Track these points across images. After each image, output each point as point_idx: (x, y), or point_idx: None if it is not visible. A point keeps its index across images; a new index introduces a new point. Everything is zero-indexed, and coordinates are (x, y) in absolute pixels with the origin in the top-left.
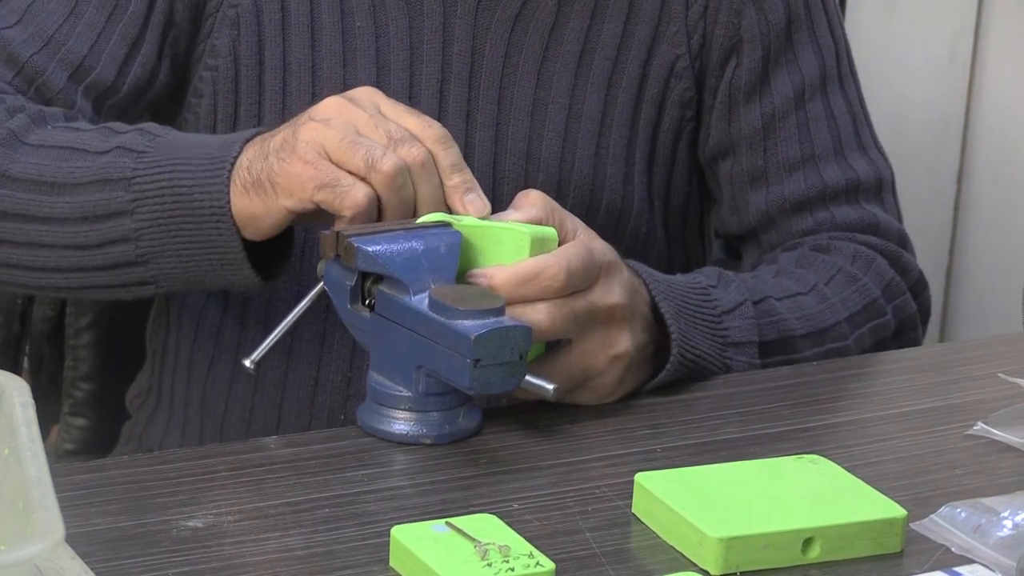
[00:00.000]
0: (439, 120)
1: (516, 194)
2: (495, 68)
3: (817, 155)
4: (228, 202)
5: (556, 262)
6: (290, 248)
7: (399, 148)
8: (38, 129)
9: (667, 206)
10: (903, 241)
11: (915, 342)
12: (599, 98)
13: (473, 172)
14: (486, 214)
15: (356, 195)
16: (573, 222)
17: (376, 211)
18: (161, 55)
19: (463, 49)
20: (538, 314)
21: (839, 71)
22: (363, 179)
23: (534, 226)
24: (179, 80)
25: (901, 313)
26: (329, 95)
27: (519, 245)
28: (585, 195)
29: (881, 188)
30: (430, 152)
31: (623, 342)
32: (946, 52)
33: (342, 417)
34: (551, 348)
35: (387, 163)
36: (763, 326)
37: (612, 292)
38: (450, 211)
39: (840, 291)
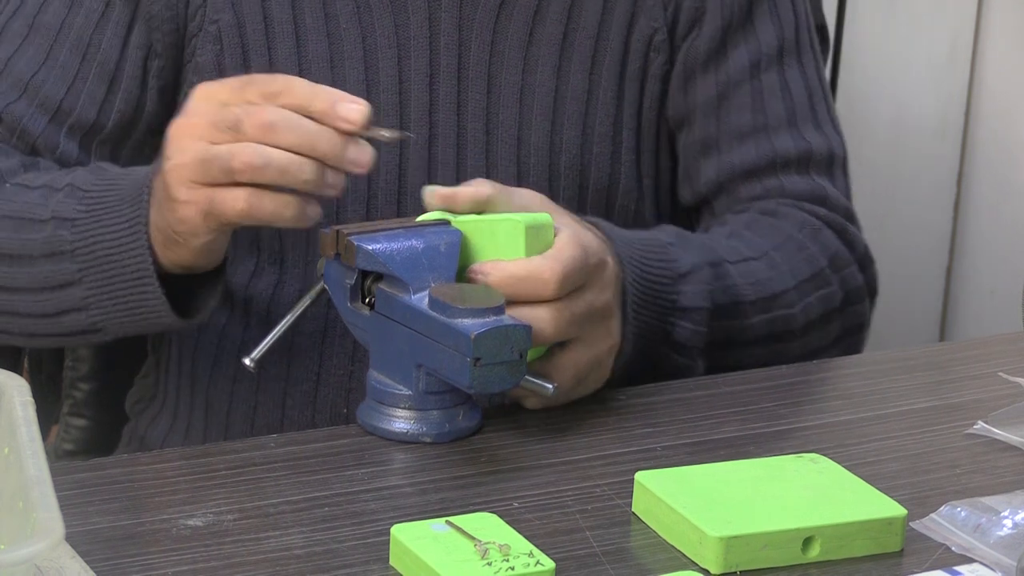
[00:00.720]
0: (430, 115)
1: (510, 181)
2: (482, 58)
3: (769, 125)
4: (151, 262)
5: (551, 265)
6: (221, 274)
7: (243, 132)
8: None
9: (656, 183)
10: (850, 216)
11: (861, 315)
12: (584, 77)
13: (466, 162)
14: (366, 112)
15: (233, 204)
16: (565, 219)
17: (272, 199)
18: (145, 87)
19: (450, 42)
20: (540, 321)
21: (798, 45)
22: (236, 184)
23: (528, 214)
24: (171, 107)
25: (847, 284)
26: None
27: (514, 234)
28: (575, 175)
29: (832, 163)
30: (286, 105)
31: (615, 333)
32: (946, 52)
33: (344, 411)
34: (554, 346)
35: (239, 160)
36: (715, 291)
37: (605, 289)
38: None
39: (789, 258)
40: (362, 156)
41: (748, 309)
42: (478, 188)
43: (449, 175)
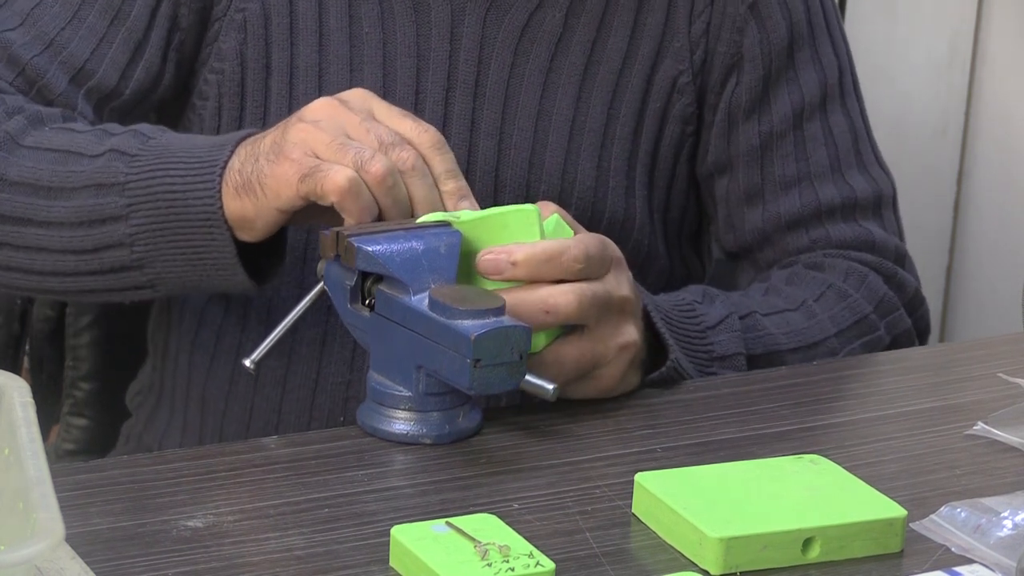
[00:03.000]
0: (443, 128)
1: (517, 203)
2: (501, 78)
3: (813, 173)
4: (220, 206)
5: (576, 244)
6: (283, 250)
7: (390, 152)
8: (35, 131)
9: (666, 220)
10: (900, 258)
11: None
12: (602, 111)
13: (475, 180)
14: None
15: (336, 178)
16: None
17: (367, 201)
18: (165, 59)
19: (469, 58)
20: (565, 295)
21: (841, 89)
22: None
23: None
24: (184, 82)
25: (895, 329)
26: None
27: (527, 222)
28: (587, 207)
29: (880, 205)
30: (424, 156)
31: (631, 333)
32: (946, 52)
33: (341, 419)
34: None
35: (376, 165)
36: (749, 340)
37: (623, 285)
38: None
39: (830, 307)
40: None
41: (787, 357)
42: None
43: None
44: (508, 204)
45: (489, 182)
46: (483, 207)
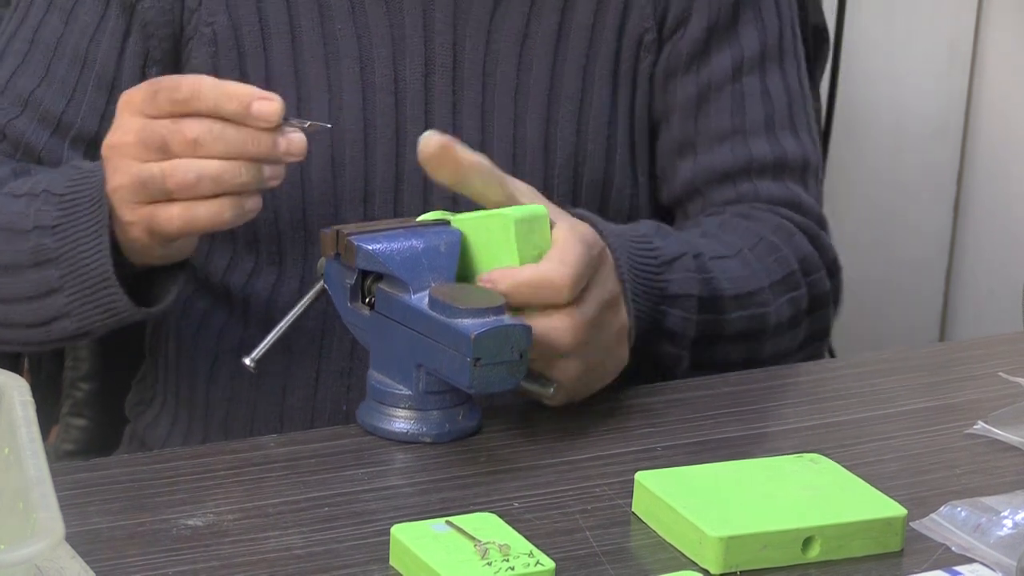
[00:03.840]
0: (426, 112)
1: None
2: (477, 56)
3: (748, 129)
4: (111, 266)
5: (560, 270)
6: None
7: (172, 147)
8: None
9: (652, 182)
10: (822, 223)
11: (826, 321)
12: (578, 75)
13: None
14: (279, 108)
15: (169, 222)
16: (557, 211)
17: (213, 207)
18: None
19: (444, 41)
20: (557, 331)
21: (781, 50)
22: (173, 200)
23: (521, 207)
24: None
25: (815, 289)
26: (315, 99)
27: (504, 229)
28: (569, 172)
29: (806, 170)
30: (213, 107)
31: (624, 314)
32: (946, 52)
33: (344, 408)
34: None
35: (172, 181)
36: (700, 281)
37: (608, 279)
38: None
39: (762, 258)
40: (294, 147)
41: (728, 304)
42: (474, 157)
43: None
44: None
45: None
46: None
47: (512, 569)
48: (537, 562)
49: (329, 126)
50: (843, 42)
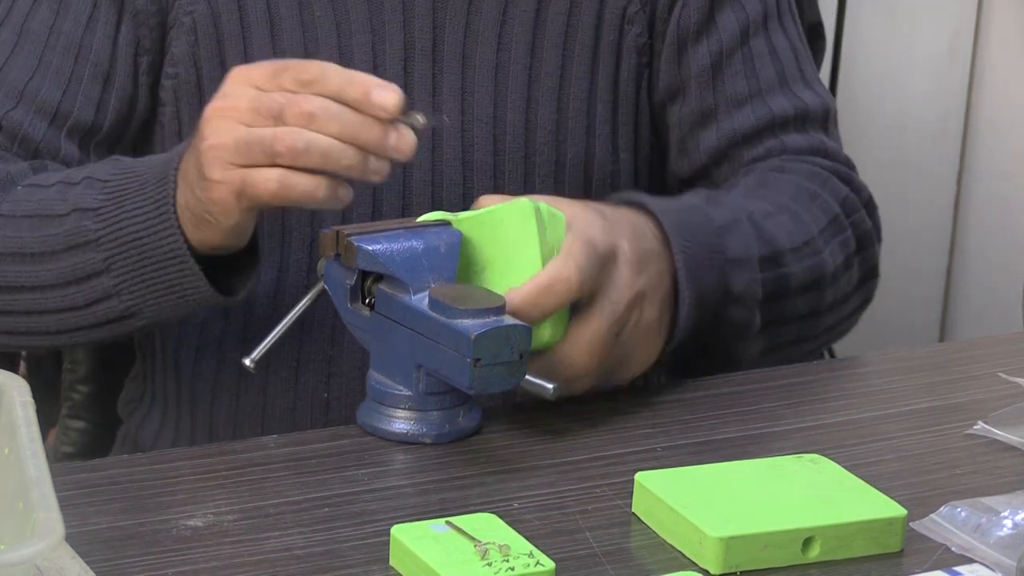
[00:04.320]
0: (406, 96)
1: (487, 160)
2: (457, 39)
3: (763, 88)
4: (183, 242)
5: (564, 263)
6: (256, 256)
7: (286, 118)
8: (8, 197)
9: (636, 157)
10: (850, 164)
11: (874, 259)
12: (557, 53)
13: (443, 144)
14: (399, 99)
15: (265, 185)
16: (572, 208)
17: (308, 182)
18: (137, 84)
19: (424, 24)
20: (573, 360)
21: (778, 8)
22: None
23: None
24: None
25: (858, 229)
26: None
27: (523, 216)
28: (551, 151)
29: (826, 118)
30: (334, 90)
31: (650, 314)
32: (946, 52)
33: (325, 395)
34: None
35: (281, 145)
36: (758, 241)
37: (630, 278)
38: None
39: (807, 208)
40: (403, 143)
41: (788, 257)
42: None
43: (425, 156)
44: (477, 163)
45: (456, 142)
46: (453, 168)
47: (512, 569)
48: (537, 562)
49: (447, 120)
50: (843, 42)
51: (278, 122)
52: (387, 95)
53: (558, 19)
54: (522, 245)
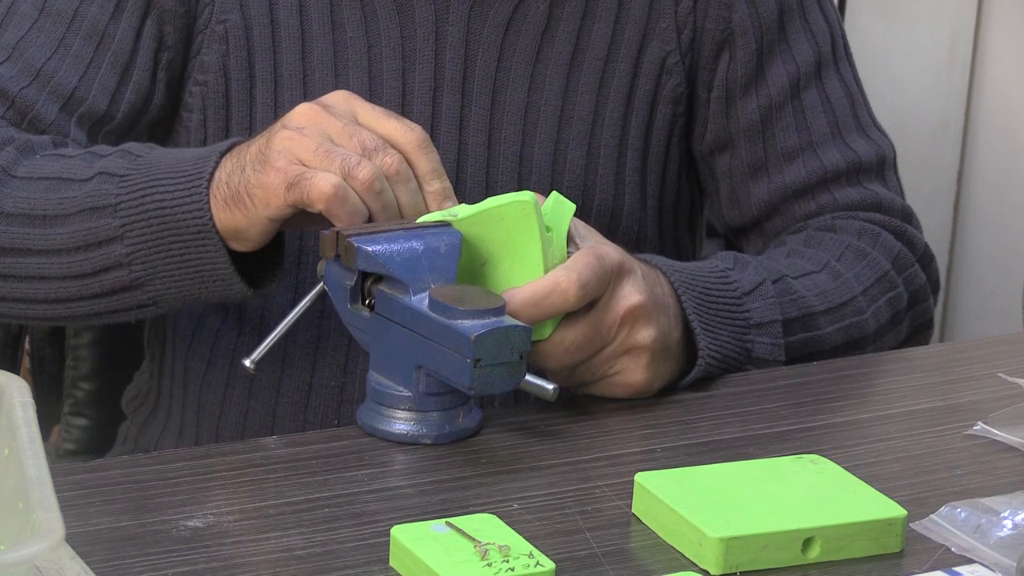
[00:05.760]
0: (432, 127)
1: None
2: (487, 74)
3: (815, 141)
4: (211, 218)
5: (567, 275)
6: (282, 255)
7: (374, 157)
8: (26, 161)
9: (660, 203)
10: (907, 215)
11: (928, 313)
12: (591, 99)
13: (467, 177)
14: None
15: (322, 185)
16: (581, 229)
17: (355, 206)
18: (155, 79)
19: (455, 56)
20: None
21: (834, 55)
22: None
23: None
24: (175, 100)
25: (912, 284)
26: None
27: (524, 209)
28: (577, 196)
29: (883, 166)
30: (408, 157)
31: (644, 335)
32: (946, 52)
33: (335, 422)
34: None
35: (363, 171)
36: (784, 304)
37: (629, 294)
38: None
39: (852, 266)
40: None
41: (820, 319)
42: None
43: None
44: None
45: (480, 179)
46: (475, 202)
47: (512, 570)
48: (537, 563)
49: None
50: None
51: (366, 153)
52: (448, 206)
53: (594, 64)
54: (523, 238)
